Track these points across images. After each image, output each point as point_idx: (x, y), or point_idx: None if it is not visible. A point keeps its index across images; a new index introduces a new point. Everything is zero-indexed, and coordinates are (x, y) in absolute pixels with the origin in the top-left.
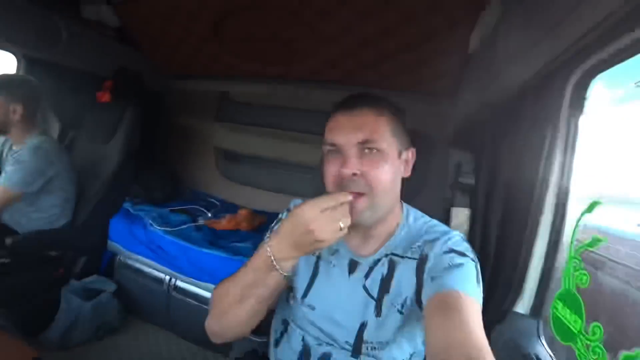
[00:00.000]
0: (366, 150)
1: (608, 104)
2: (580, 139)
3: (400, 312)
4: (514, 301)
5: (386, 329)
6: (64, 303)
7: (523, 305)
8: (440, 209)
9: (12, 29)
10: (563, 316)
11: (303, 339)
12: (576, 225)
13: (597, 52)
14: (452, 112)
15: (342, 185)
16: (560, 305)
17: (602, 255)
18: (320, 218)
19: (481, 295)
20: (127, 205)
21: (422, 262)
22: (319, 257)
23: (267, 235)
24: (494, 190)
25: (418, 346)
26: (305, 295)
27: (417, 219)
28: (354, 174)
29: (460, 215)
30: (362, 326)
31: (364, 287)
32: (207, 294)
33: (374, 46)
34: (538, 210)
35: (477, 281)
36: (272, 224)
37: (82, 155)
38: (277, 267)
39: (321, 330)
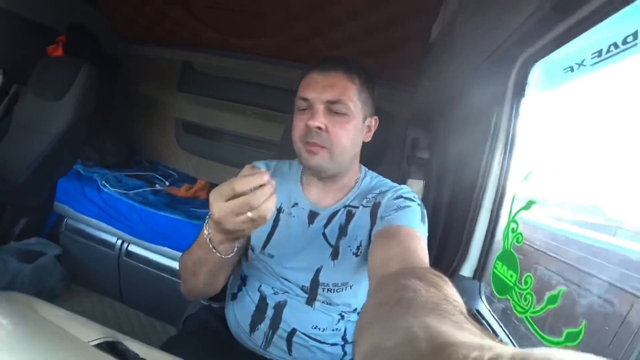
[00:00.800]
0: (334, 108)
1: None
2: (521, 120)
3: (356, 255)
4: (459, 265)
5: (342, 270)
6: (0, 264)
7: (468, 269)
8: (397, 180)
9: None
10: (501, 273)
11: (259, 289)
12: (514, 196)
13: (539, 38)
14: (412, 96)
15: (306, 136)
16: (499, 265)
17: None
18: (223, 209)
19: (425, 232)
20: (78, 167)
21: (375, 207)
22: (279, 210)
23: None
24: (446, 165)
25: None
26: (264, 246)
27: (374, 178)
28: (319, 128)
29: (415, 186)
30: (319, 270)
31: (323, 235)
32: (161, 260)
33: (341, 27)
34: (483, 183)
35: (422, 220)
36: None
37: (27, 110)
38: (215, 251)
39: (279, 277)
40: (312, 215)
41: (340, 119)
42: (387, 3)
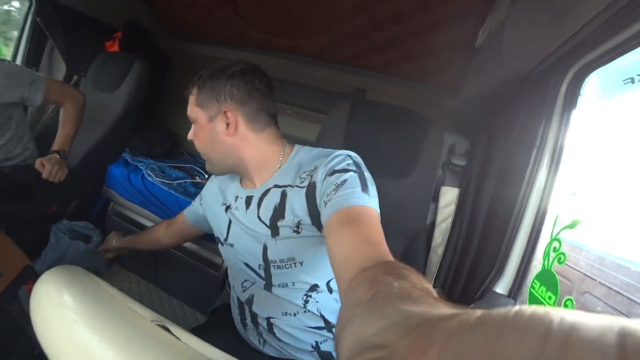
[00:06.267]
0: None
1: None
2: (572, 132)
3: (296, 232)
4: (494, 281)
5: (284, 246)
6: (53, 240)
7: (503, 286)
8: (431, 186)
9: None
10: (539, 294)
11: (235, 290)
12: (558, 213)
13: (594, 48)
14: (452, 102)
15: None
16: (537, 285)
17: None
18: None
19: (371, 198)
20: (126, 155)
21: (311, 188)
22: (228, 207)
23: None
24: (486, 174)
25: (328, 273)
26: (226, 238)
27: (310, 152)
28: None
29: (449, 193)
30: (265, 248)
31: (258, 216)
32: (196, 249)
33: (383, 30)
34: (525, 197)
35: (363, 189)
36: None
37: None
38: None
39: (242, 263)
40: (248, 200)
41: (194, 129)
42: (433, 7)
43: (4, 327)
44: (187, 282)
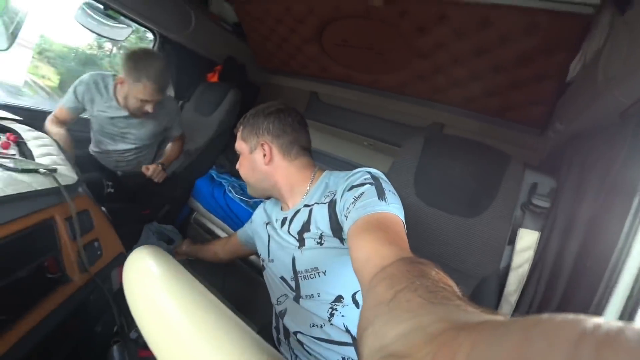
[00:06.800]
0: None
1: None
2: None
3: (319, 243)
4: None
5: (309, 257)
6: (143, 237)
7: None
8: (507, 226)
9: (156, 12)
10: None
11: (273, 308)
12: None
13: None
14: (536, 138)
15: None
16: None
17: None
18: None
19: (389, 204)
20: (212, 171)
21: (332, 204)
22: (268, 223)
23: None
24: (575, 220)
25: (352, 284)
26: (268, 255)
27: (337, 176)
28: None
29: (528, 237)
30: (294, 260)
31: (289, 232)
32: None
33: (465, 65)
34: (624, 252)
35: (380, 197)
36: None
37: (186, 121)
38: None
39: (278, 277)
40: (284, 220)
41: (240, 158)
42: (518, 40)
43: (96, 300)
44: (247, 294)
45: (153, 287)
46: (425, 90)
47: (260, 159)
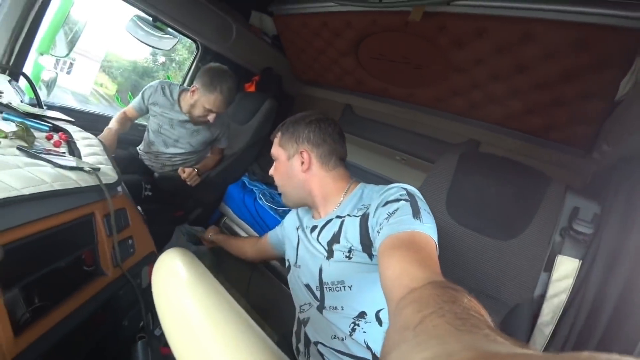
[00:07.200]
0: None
1: None
2: None
3: (348, 257)
4: None
5: (337, 270)
6: (174, 238)
7: None
8: (544, 253)
9: (199, 24)
10: None
11: (297, 315)
12: None
13: None
14: (580, 160)
15: None
16: None
17: None
18: None
19: (424, 224)
20: (244, 178)
21: (364, 217)
22: (298, 227)
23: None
24: (621, 250)
25: (377, 302)
26: (296, 260)
27: (373, 188)
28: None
29: (567, 264)
30: (321, 270)
31: (318, 240)
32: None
33: (505, 81)
34: None
35: (415, 216)
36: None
37: None
38: None
39: (303, 284)
40: (314, 228)
41: (274, 164)
42: (564, 56)
43: (126, 295)
44: (271, 301)
45: (179, 289)
46: (461, 106)
47: (298, 166)
